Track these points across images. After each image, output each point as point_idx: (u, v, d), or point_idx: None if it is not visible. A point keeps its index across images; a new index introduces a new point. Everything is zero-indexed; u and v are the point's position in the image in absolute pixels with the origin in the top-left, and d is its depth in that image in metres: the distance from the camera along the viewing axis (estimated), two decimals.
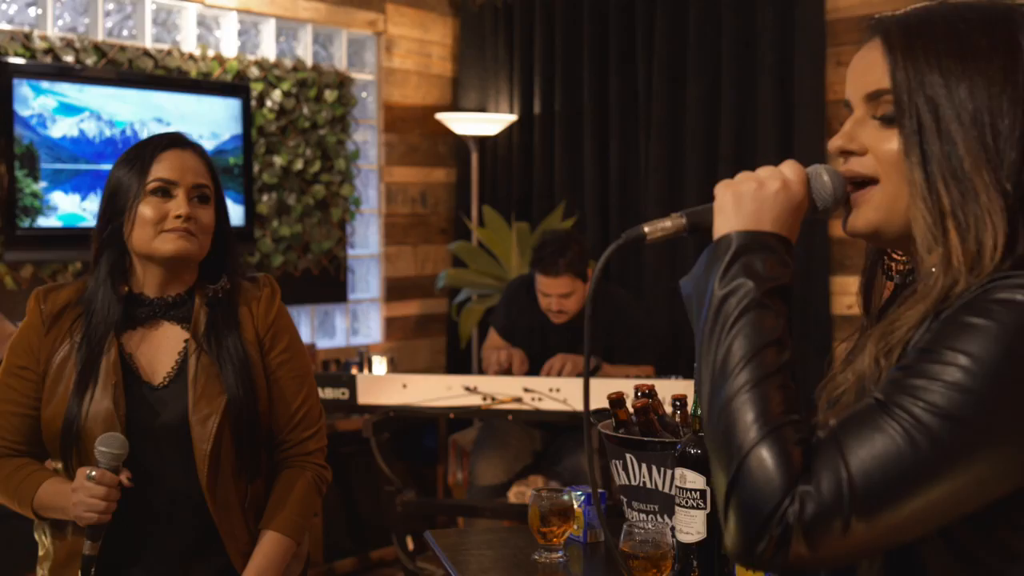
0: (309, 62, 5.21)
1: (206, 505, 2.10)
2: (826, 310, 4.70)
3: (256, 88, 4.88)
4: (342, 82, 5.26)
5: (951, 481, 1.07)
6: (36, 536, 2.22)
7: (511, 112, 5.66)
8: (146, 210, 2.12)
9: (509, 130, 5.64)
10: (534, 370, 4.17)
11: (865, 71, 1.25)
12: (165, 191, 2.14)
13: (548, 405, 3.79)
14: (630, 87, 5.26)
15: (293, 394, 2.23)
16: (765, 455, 1.09)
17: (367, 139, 5.60)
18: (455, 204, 5.91)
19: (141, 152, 2.17)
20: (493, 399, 3.83)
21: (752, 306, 1.16)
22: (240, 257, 2.32)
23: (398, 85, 5.67)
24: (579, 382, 3.88)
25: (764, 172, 1.25)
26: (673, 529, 1.95)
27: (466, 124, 5.43)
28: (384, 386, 3.96)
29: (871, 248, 1.37)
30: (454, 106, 5.88)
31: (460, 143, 5.76)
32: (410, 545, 4.09)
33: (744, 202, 1.23)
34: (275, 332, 2.24)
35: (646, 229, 1.32)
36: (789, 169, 1.26)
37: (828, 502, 1.06)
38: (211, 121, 4.65)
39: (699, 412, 1.95)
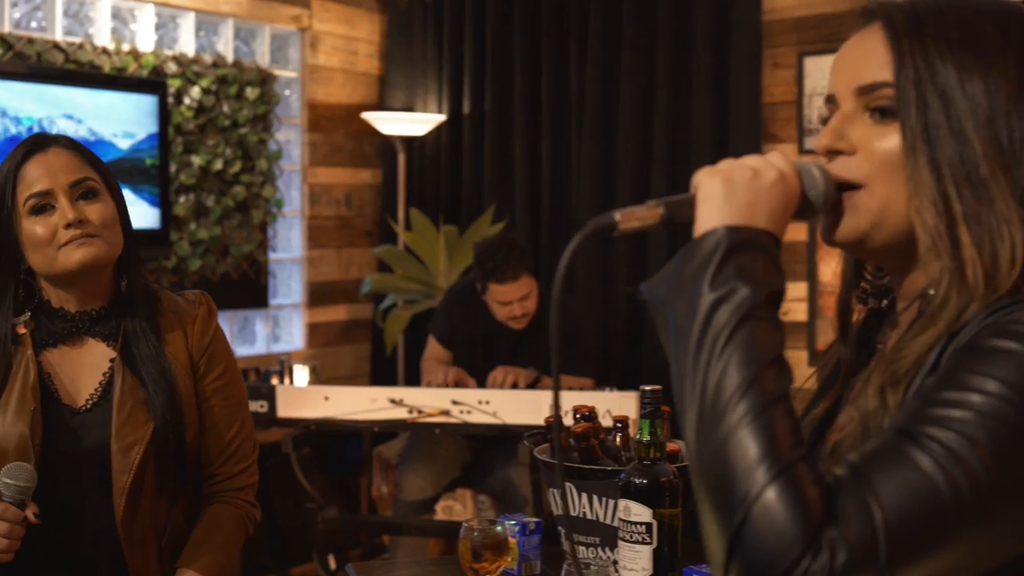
0: (230, 58, 5.01)
1: (119, 541, 1.93)
2: None
3: (173, 84, 4.67)
4: (264, 79, 5.07)
5: (997, 523, 0.93)
6: None
7: (440, 112, 5.51)
8: (34, 230, 1.94)
9: (438, 130, 5.49)
10: (479, 381, 4.05)
11: (859, 61, 1.10)
12: (43, 207, 1.94)
13: (477, 418, 3.65)
14: (562, 87, 5.15)
15: (227, 424, 2.06)
16: (777, 502, 0.91)
17: (290, 138, 5.41)
18: (381, 206, 5.73)
19: (9, 161, 1.97)
20: (420, 412, 3.68)
21: (749, 317, 0.99)
22: (147, 264, 2.13)
23: (323, 83, 5.48)
24: (509, 394, 3.74)
25: (755, 160, 1.07)
26: (616, 564, 1.82)
27: (393, 124, 5.27)
28: (305, 398, 3.79)
29: (847, 269, 1.23)
30: (381, 105, 5.70)
31: (387, 143, 5.59)
32: (332, 564, 3.92)
33: (737, 192, 1.04)
34: (211, 356, 2.06)
35: (617, 216, 1.10)
36: (780, 160, 1.08)
37: (860, 550, 0.89)
38: (126, 119, 4.42)
39: (645, 439, 1.81)
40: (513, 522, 2.04)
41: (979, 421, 0.92)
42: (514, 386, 3.91)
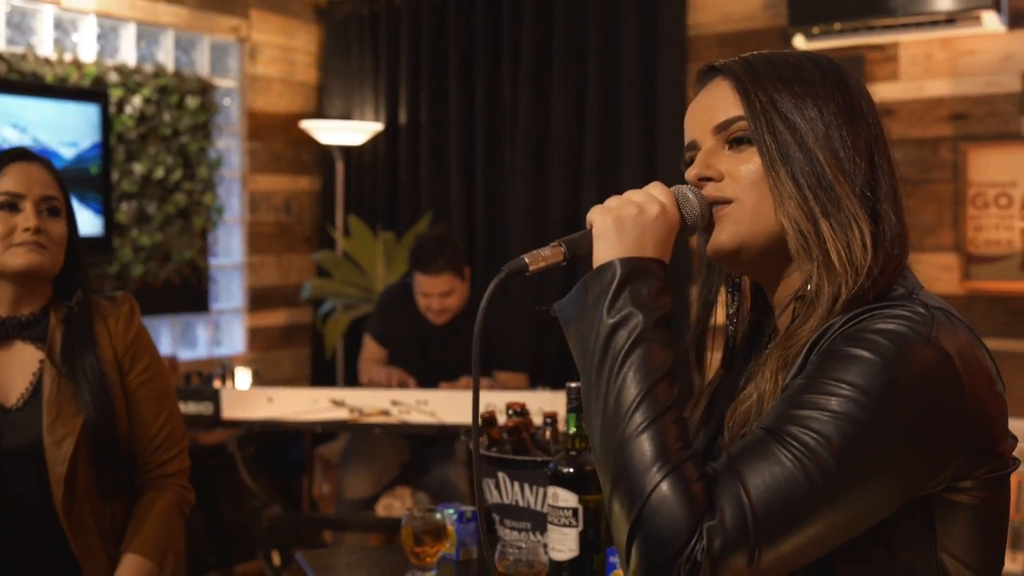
0: (170, 68, 5.10)
1: (63, 530, 2.05)
2: (685, 317, 4.80)
3: (115, 94, 4.76)
4: (204, 89, 5.17)
5: (847, 506, 1.10)
6: None
7: (377, 121, 5.64)
8: None
9: (375, 139, 5.62)
10: (415, 377, 4.19)
11: (711, 107, 1.30)
12: (12, 205, 2.09)
13: (416, 418, 3.79)
14: (496, 99, 5.30)
15: (153, 415, 2.20)
16: (668, 495, 1.09)
17: (230, 147, 5.51)
18: (320, 213, 5.86)
19: None
20: (361, 412, 3.82)
21: (642, 339, 1.16)
22: (91, 271, 2.27)
23: (262, 92, 5.60)
24: (447, 394, 3.89)
25: (638, 196, 1.26)
26: (546, 547, 1.98)
27: (331, 133, 5.39)
28: (249, 400, 3.91)
29: (701, 307, 1.41)
30: (319, 114, 5.83)
31: (325, 152, 5.72)
32: (276, 560, 4.04)
33: (626, 228, 1.22)
34: (134, 351, 2.20)
35: (527, 260, 1.29)
36: (660, 192, 1.26)
37: (734, 535, 1.07)
38: (69, 128, 4.51)
39: (571, 431, 1.98)
40: (451, 510, 2.21)
41: (831, 421, 1.11)
42: (405, 385, 4.08)
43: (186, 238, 5.11)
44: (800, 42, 4.41)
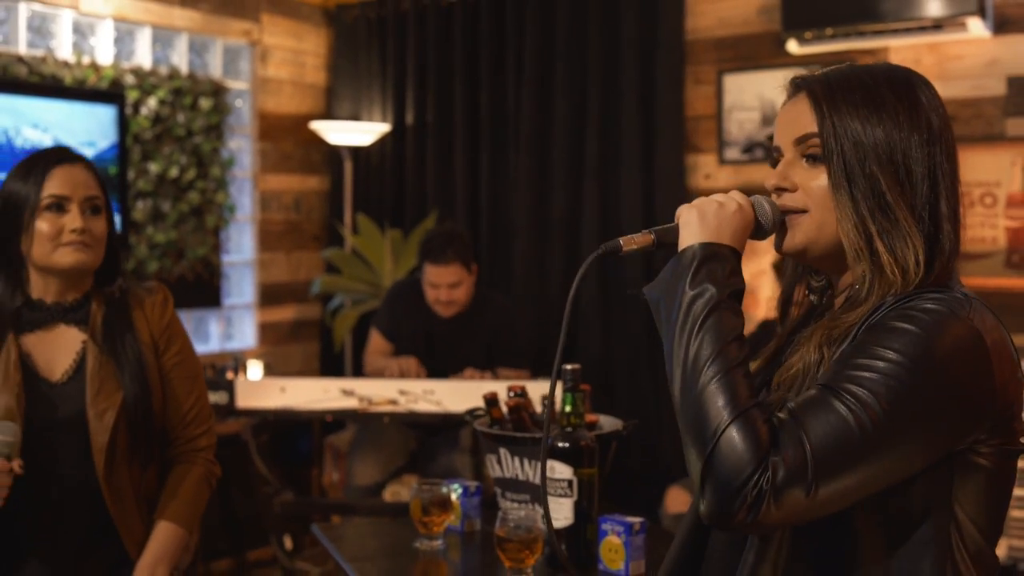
0: (184, 70, 5.27)
1: (102, 496, 2.24)
2: None
3: (131, 96, 4.93)
4: (217, 90, 5.33)
5: (891, 452, 1.29)
6: None
7: (384, 122, 5.80)
8: (43, 226, 2.25)
9: (382, 140, 5.78)
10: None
11: (793, 120, 1.48)
12: (59, 206, 2.26)
13: (423, 407, 3.95)
14: (500, 101, 5.46)
15: (186, 394, 2.38)
16: (736, 434, 1.28)
17: (241, 147, 5.68)
18: (328, 211, 6.02)
19: (32, 168, 2.28)
20: (370, 402, 3.97)
21: (716, 307, 1.36)
22: (125, 261, 2.44)
23: (272, 94, 5.76)
24: (453, 384, 4.05)
25: (720, 196, 1.47)
26: (543, 516, 2.14)
27: (340, 134, 5.55)
28: (263, 390, 4.06)
29: (790, 273, 1.61)
30: (327, 115, 5.99)
31: (333, 152, 5.88)
32: (288, 544, 4.20)
33: (708, 218, 1.43)
34: (169, 335, 2.38)
35: (621, 242, 1.47)
36: (739, 196, 1.47)
37: (795, 470, 1.26)
38: (88, 129, 4.68)
39: (567, 409, 2.15)
40: (456, 485, 2.37)
41: (881, 380, 1.30)
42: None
43: (199, 235, 5.27)
44: (793, 47, 4.57)
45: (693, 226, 1.43)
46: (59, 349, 2.31)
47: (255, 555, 5.02)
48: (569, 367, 2.13)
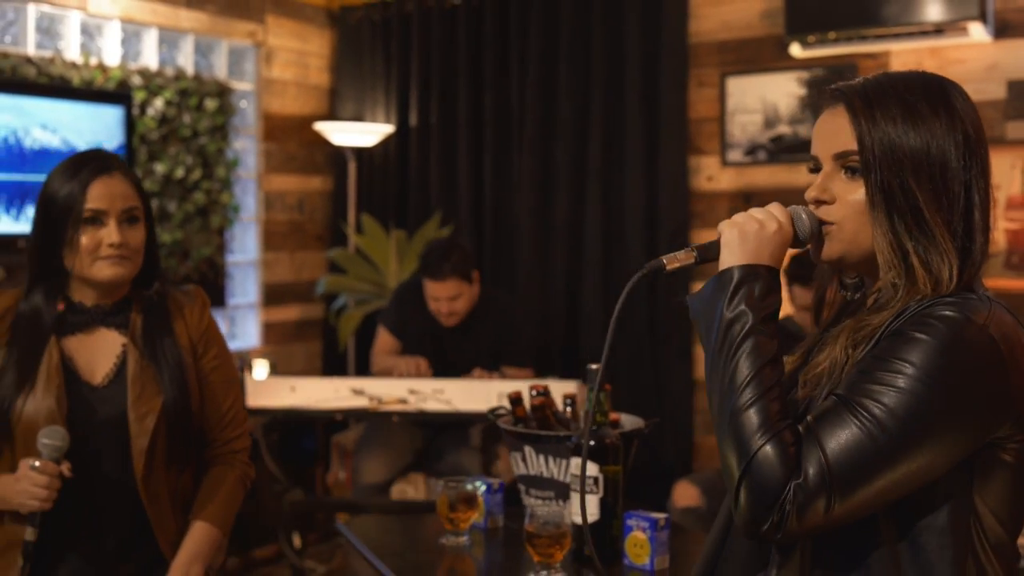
0: (190, 71, 5.30)
1: (139, 497, 2.27)
2: (687, 311, 5.00)
3: (138, 96, 4.96)
4: (222, 91, 5.36)
5: (906, 465, 1.36)
6: None
7: (388, 123, 5.84)
8: (81, 239, 2.28)
9: (386, 141, 5.82)
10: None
11: (833, 134, 1.52)
12: (97, 219, 2.29)
13: (432, 406, 3.99)
14: (504, 102, 5.51)
15: (223, 396, 2.42)
16: (769, 454, 1.37)
17: (246, 147, 5.71)
18: (331, 212, 6.06)
19: (72, 179, 2.29)
20: (380, 400, 4.02)
21: (752, 332, 1.44)
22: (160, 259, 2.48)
23: (276, 95, 5.80)
24: (462, 384, 4.09)
25: (761, 214, 1.52)
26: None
27: (344, 134, 5.59)
28: (273, 389, 4.10)
29: (820, 276, 1.66)
30: (331, 116, 6.03)
31: (337, 152, 5.92)
32: (296, 542, 4.24)
33: (748, 240, 1.49)
34: (207, 339, 2.42)
35: (664, 260, 1.55)
36: (778, 211, 1.52)
37: (814, 490, 1.35)
38: (96, 129, 4.71)
39: (589, 407, 2.19)
40: (480, 482, 2.42)
41: (896, 395, 1.37)
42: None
43: (204, 235, 5.30)
44: (796, 50, 4.63)
45: (734, 246, 1.49)
46: (99, 352, 2.34)
47: (261, 553, 5.06)
48: (594, 366, 2.18)
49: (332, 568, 4.81)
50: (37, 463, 2.16)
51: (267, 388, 4.11)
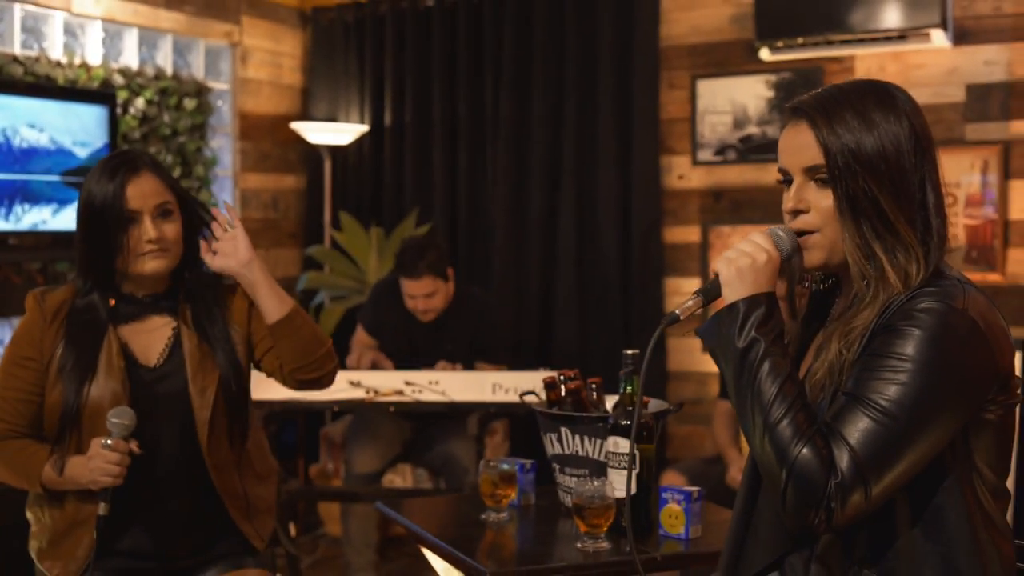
0: (169, 71, 5.37)
1: (205, 467, 2.43)
2: (660, 306, 5.21)
3: (121, 96, 5.02)
4: (200, 91, 5.44)
5: (921, 443, 1.57)
6: (30, 514, 2.46)
7: (362, 122, 5.95)
8: (123, 239, 2.41)
9: (360, 140, 5.92)
10: (401, 367, 4.52)
11: (800, 149, 1.70)
12: (134, 219, 2.41)
13: (428, 397, 4.13)
14: (478, 102, 5.64)
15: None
16: (808, 459, 1.56)
17: (222, 146, 5.79)
18: (305, 209, 6.16)
19: (109, 182, 2.40)
20: (376, 392, 4.15)
21: (766, 355, 1.62)
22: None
23: (252, 94, 5.89)
24: (457, 375, 4.24)
25: (749, 247, 1.70)
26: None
27: (319, 133, 5.69)
28: (270, 381, 4.19)
29: (789, 275, 1.83)
30: (304, 116, 6.13)
31: (311, 151, 6.01)
32: (292, 531, 4.35)
33: (745, 275, 1.68)
34: (256, 319, 2.55)
35: (678, 312, 1.73)
36: (762, 240, 1.71)
37: (851, 482, 1.55)
38: (81, 128, 4.76)
39: (627, 390, 2.36)
40: (518, 463, 2.57)
41: (899, 387, 1.57)
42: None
43: None
44: (765, 54, 4.83)
45: (734, 283, 1.68)
46: (151, 337, 2.48)
47: None
48: (630, 352, 2.35)
49: (316, 559, 4.93)
50: (109, 441, 2.30)
51: (265, 380, 4.19)
